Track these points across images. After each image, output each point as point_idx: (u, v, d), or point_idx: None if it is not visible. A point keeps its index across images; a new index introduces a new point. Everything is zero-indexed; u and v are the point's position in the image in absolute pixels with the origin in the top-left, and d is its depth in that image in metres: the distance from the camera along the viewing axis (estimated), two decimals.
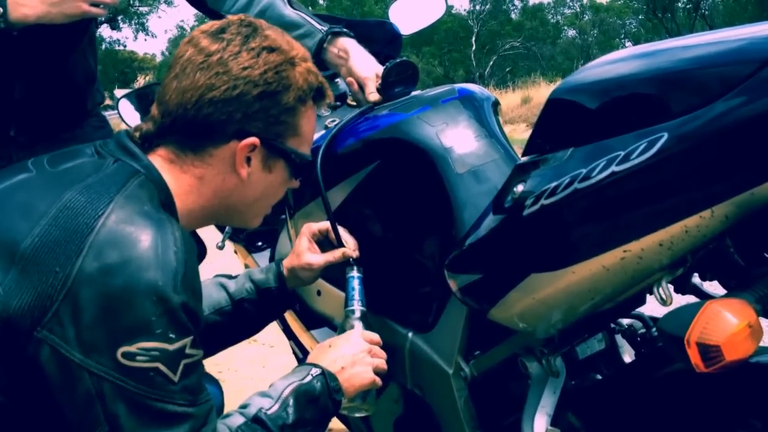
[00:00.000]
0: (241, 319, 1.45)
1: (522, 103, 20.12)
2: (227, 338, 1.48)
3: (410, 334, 1.44)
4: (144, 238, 0.98)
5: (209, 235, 1.80)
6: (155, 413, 0.96)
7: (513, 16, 44.87)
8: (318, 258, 1.45)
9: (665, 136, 0.89)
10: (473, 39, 39.41)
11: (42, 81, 1.63)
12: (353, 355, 1.25)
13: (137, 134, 1.15)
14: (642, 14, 41.39)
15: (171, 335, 0.96)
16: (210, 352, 1.47)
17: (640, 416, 1.14)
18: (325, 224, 1.47)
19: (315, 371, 1.19)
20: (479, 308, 1.19)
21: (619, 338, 1.34)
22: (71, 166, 1.09)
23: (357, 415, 1.35)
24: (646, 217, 0.91)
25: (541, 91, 20.98)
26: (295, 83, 1.14)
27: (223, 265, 2.17)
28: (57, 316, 0.94)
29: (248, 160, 1.15)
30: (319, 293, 1.69)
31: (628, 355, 1.35)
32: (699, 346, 0.85)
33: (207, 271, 1.35)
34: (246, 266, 2.20)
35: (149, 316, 0.95)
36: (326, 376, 1.19)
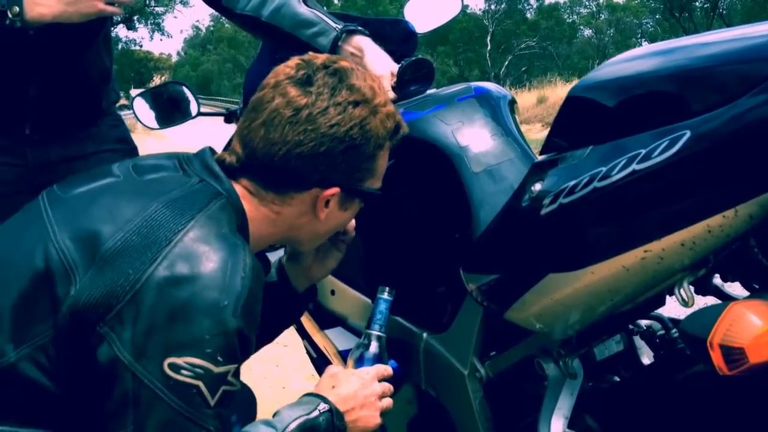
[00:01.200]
0: None
1: (538, 103, 20.06)
2: None
3: (425, 335, 1.43)
4: (216, 258, 1.01)
5: None
6: (183, 430, 0.98)
7: (528, 15, 44.76)
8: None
9: (687, 134, 0.87)
10: (488, 38, 39.31)
11: (57, 79, 1.63)
12: (365, 398, 1.24)
13: (219, 164, 1.18)
14: (659, 13, 41.16)
15: (219, 358, 0.99)
16: None
17: (659, 419, 1.12)
18: None
19: (323, 407, 1.19)
20: (495, 309, 1.18)
21: (637, 340, 1.33)
22: (157, 177, 1.14)
23: None
24: (667, 217, 0.89)
25: (557, 91, 20.91)
26: (376, 133, 1.16)
27: None
28: (120, 315, 0.98)
29: (327, 203, 1.18)
30: (333, 293, 1.68)
31: (646, 357, 1.33)
32: (722, 349, 0.84)
33: None
34: None
35: (204, 334, 0.98)
36: (333, 414, 1.19)
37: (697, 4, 35.84)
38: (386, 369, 1.30)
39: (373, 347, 1.32)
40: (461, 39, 39.23)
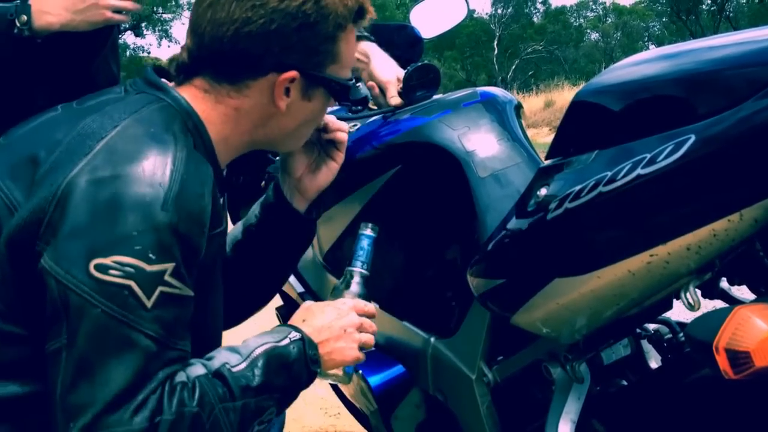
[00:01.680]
0: (257, 247, 1.33)
1: (545, 107, 20.04)
2: (255, 276, 1.35)
3: (432, 339, 1.44)
4: (141, 155, 0.96)
5: None
6: (116, 338, 0.91)
7: (535, 19, 44.72)
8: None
9: (692, 138, 0.87)
10: (495, 43, 39.30)
11: (65, 87, 1.64)
12: (341, 328, 1.13)
13: (172, 64, 1.13)
14: (665, 17, 41.08)
15: (151, 255, 0.92)
16: (240, 296, 1.33)
17: (666, 423, 1.12)
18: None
19: (294, 335, 1.08)
20: (502, 313, 1.18)
21: (645, 344, 1.32)
22: (96, 102, 1.09)
23: (331, 382, 1.26)
24: (673, 221, 0.89)
25: (564, 95, 20.86)
26: (334, 10, 1.09)
27: None
28: (50, 226, 0.94)
29: (287, 91, 1.11)
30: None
31: (654, 361, 1.33)
32: (728, 353, 0.84)
33: None
34: None
35: (130, 231, 0.92)
36: (305, 343, 1.08)
37: (704, 6, 35.76)
38: (367, 305, 1.20)
39: (354, 284, 1.23)
40: (468, 43, 39.22)
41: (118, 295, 0.91)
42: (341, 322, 1.14)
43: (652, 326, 1.33)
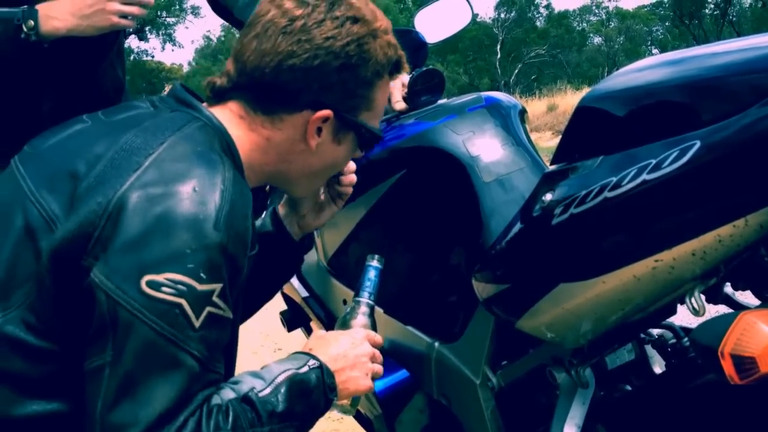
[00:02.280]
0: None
1: (548, 111, 20.04)
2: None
3: (437, 344, 1.44)
4: (192, 173, 0.96)
5: None
6: (163, 356, 0.91)
7: (538, 23, 44.75)
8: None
9: (697, 144, 0.87)
10: (498, 47, 39.33)
11: (71, 92, 1.65)
12: (355, 357, 1.14)
13: (209, 87, 1.13)
14: (668, 21, 41.08)
15: (203, 274, 0.92)
16: None
17: (672, 428, 1.12)
18: None
19: (313, 363, 1.09)
20: (507, 318, 1.18)
21: (649, 349, 1.32)
22: (127, 116, 1.08)
23: (338, 413, 1.26)
24: (678, 227, 0.90)
25: (567, 99, 20.88)
26: (375, 57, 1.10)
27: None
28: (100, 241, 0.93)
29: (319, 130, 1.11)
30: (345, 302, 1.68)
31: (658, 366, 1.33)
32: (733, 358, 0.84)
33: None
34: None
35: (184, 248, 0.91)
36: (324, 371, 1.09)
37: (707, 11, 35.75)
38: (377, 336, 1.21)
39: (362, 315, 1.24)
40: (471, 47, 39.24)
41: (169, 313, 0.91)
42: (356, 351, 1.15)
43: (656, 331, 1.33)
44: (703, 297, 0.98)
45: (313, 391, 1.07)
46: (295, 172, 1.17)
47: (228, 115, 1.10)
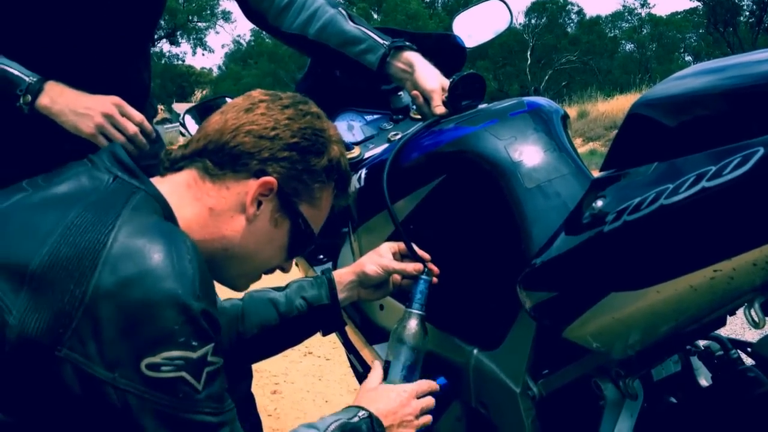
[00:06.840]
0: (286, 335, 1.46)
1: (578, 118, 19.89)
2: (270, 350, 1.49)
3: (475, 351, 1.41)
4: (157, 248, 0.98)
5: None
6: (183, 424, 0.97)
7: (569, 29, 44.48)
8: (395, 264, 1.45)
9: (761, 151, 0.84)
10: (528, 53, 39.16)
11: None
12: (403, 416, 1.25)
13: (166, 156, 1.19)
14: (702, 28, 40.60)
15: (194, 343, 0.97)
16: (250, 361, 1.52)
17: None
18: (401, 243, 1.47)
19: (363, 414, 1.20)
20: (554, 326, 1.16)
21: (695, 360, 1.29)
22: (69, 185, 1.08)
23: None
24: (739, 235, 0.87)
25: (598, 106, 20.71)
26: (329, 153, 1.19)
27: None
28: (77, 333, 0.94)
29: (259, 204, 1.16)
30: (381, 307, 1.67)
31: (704, 379, 1.29)
32: None
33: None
34: None
35: (172, 326, 0.95)
36: (374, 421, 1.20)
37: (742, 18, 35.30)
38: (429, 384, 1.30)
39: (413, 326, 1.36)
40: (501, 53, 39.08)
41: (174, 389, 0.96)
42: (404, 410, 1.26)
43: (702, 342, 1.30)
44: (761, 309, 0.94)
45: None
46: (229, 254, 1.18)
47: (174, 185, 1.15)
